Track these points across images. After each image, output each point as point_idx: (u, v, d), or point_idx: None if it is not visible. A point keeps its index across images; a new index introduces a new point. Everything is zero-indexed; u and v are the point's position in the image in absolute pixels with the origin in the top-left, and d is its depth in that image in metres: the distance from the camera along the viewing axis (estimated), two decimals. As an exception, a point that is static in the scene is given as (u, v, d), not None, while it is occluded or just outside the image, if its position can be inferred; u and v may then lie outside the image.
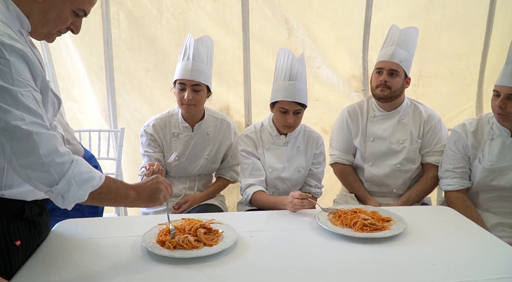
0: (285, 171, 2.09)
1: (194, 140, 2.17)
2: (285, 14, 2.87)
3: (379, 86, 2.15)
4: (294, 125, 2.02)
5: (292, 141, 2.10)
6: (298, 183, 2.14)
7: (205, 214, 1.72)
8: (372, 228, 1.53)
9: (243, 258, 1.36)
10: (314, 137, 2.14)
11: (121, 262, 1.32)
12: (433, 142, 2.22)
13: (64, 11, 1.22)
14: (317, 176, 2.16)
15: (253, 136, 2.12)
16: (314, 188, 2.15)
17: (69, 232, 1.52)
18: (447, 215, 1.79)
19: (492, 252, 1.43)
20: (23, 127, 1.07)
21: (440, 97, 3.23)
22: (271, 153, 2.10)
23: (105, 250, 1.40)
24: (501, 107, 1.87)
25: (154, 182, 1.38)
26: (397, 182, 2.24)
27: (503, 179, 1.95)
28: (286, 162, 2.09)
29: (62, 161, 1.13)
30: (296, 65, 1.97)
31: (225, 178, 2.31)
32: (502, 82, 1.88)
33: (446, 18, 3.05)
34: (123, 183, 1.34)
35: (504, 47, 3.14)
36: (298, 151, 2.11)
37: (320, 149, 2.15)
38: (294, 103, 1.95)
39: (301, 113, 2.01)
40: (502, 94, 1.87)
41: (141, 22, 2.79)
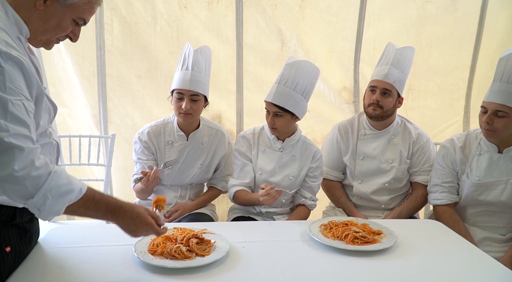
0: (275, 175, 2.10)
1: (188, 149, 2.17)
2: (278, 25, 2.90)
3: (372, 105, 2.17)
4: (276, 127, 2.03)
5: (289, 148, 2.12)
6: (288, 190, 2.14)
7: (196, 223, 1.72)
8: (363, 241, 1.55)
9: (235, 269, 1.36)
10: (312, 150, 2.14)
11: (112, 271, 1.31)
12: (421, 162, 2.25)
13: (64, 19, 1.22)
14: (313, 189, 2.16)
15: (250, 138, 2.16)
16: (309, 200, 2.15)
17: (59, 239, 1.50)
18: (435, 229, 1.82)
19: (480, 267, 1.45)
20: (5, 139, 1.05)
21: (428, 111, 3.29)
22: (265, 156, 2.12)
23: (96, 258, 1.38)
24: (488, 123, 1.90)
25: (139, 221, 1.27)
26: (385, 198, 2.27)
27: (490, 194, 1.99)
28: (278, 167, 2.10)
29: (38, 174, 1.10)
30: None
31: (217, 188, 2.31)
32: (490, 98, 1.91)
33: (436, 35, 3.11)
34: (107, 204, 1.24)
35: (491, 64, 3.23)
36: (292, 159, 2.12)
37: (317, 163, 2.14)
38: (272, 105, 1.99)
39: (284, 118, 2.01)
40: (489, 111, 1.90)
41: (135, 29, 2.78)
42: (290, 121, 2.04)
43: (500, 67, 1.91)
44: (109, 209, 1.23)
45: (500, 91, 1.87)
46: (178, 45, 2.82)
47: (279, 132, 2.07)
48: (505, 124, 1.87)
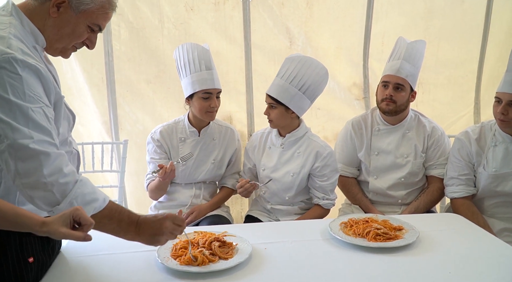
0: (277, 171, 2.12)
1: (200, 144, 2.20)
2: (286, 23, 2.89)
3: (385, 100, 2.16)
4: (271, 119, 2.07)
5: (290, 144, 2.13)
6: (289, 187, 2.12)
7: (216, 226, 1.71)
8: (385, 237, 1.54)
9: (259, 270, 1.35)
10: (315, 148, 2.10)
11: (137, 277, 1.31)
12: (436, 155, 2.23)
13: (78, 25, 1.22)
14: (324, 188, 2.12)
15: (258, 137, 2.25)
16: (322, 199, 2.13)
17: (81, 248, 1.49)
18: (455, 222, 1.81)
19: (503, 258, 1.44)
20: (30, 146, 1.06)
21: (439, 104, 3.27)
22: (269, 152, 2.18)
23: (120, 265, 1.38)
24: (503, 114, 1.90)
25: (159, 223, 1.28)
26: (401, 193, 2.25)
27: (508, 185, 1.97)
28: (280, 163, 2.13)
29: (65, 181, 1.11)
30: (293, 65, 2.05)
31: (228, 187, 2.32)
32: (504, 89, 1.90)
33: (444, 28, 3.10)
34: (129, 214, 1.27)
35: (499, 55, 3.21)
36: (295, 155, 2.12)
37: (325, 161, 2.09)
38: (268, 96, 2.05)
39: (277, 109, 2.03)
40: (503, 101, 1.89)
41: (142, 34, 2.78)
42: (284, 114, 2.04)
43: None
44: (132, 219, 1.26)
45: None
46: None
47: (274, 124, 2.10)
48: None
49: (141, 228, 1.26)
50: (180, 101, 2.87)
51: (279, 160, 2.13)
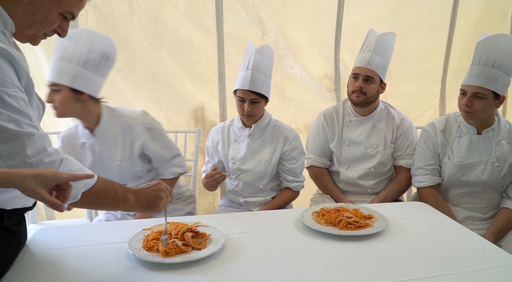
0: (247, 162, 2.14)
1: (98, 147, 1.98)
2: (258, 14, 2.88)
3: (355, 92, 2.20)
4: (252, 114, 2.05)
5: (258, 134, 2.14)
6: (262, 176, 2.16)
7: (189, 217, 1.70)
8: (356, 226, 1.57)
9: (233, 260, 1.35)
10: (283, 132, 2.16)
11: (107, 270, 1.28)
12: (404, 146, 2.29)
13: (51, 13, 1.17)
14: (294, 170, 2.18)
15: (219, 132, 2.22)
16: (292, 182, 2.18)
17: (47, 240, 1.45)
18: (422, 210, 1.86)
19: (468, 244, 1.50)
20: (11, 128, 1.04)
21: (406, 96, 3.35)
22: (236, 145, 2.17)
23: (89, 257, 1.35)
24: (468, 106, 1.95)
25: (155, 188, 1.35)
26: (371, 183, 2.31)
27: (472, 175, 2.05)
28: (249, 153, 2.14)
29: (51, 160, 1.10)
30: (253, 56, 2.03)
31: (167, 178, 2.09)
32: (468, 81, 1.96)
33: (412, 21, 3.17)
34: (122, 186, 1.30)
35: (465, 49, 3.32)
36: (263, 144, 2.15)
37: (293, 144, 2.16)
38: (249, 92, 2.01)
39: (260, 103, 2.05)
40: (468, 93, 1.95)
41: (111, 20, 2.70)
42: (263, 105, 2.10)
43: (478, 51, 1.96)
44: (128, 190, 1.29)
45: (479, 74, 1.92)
46: (157, 36, 2.76)
47: (255, 118, 2.10)
48: (484, 106, 1.93)
49: (138, 195, 1.30)
50: (152, 90, 2.82)
51: (249, 150, 2.14)
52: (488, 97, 1.92)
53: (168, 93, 2.86)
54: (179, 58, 2.84)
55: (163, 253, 1.33)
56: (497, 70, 1.91)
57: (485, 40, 1.95)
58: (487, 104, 1.93)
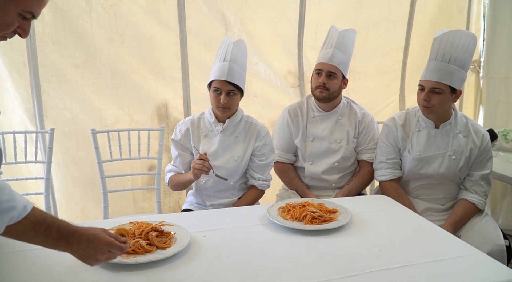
0: (219, 158, 2.07)
1: None
2: (221, 10, 2.85)
3: (318, 88, 2.22)
4: (228, 106, 2.00)
5: (231, 129, 2.09)
6: (234, 172, 2.10)
7: (154, 216, 1.67)
8: (321, 220, 1.59)
9: (198, 258, 1.34)
10: (255, 128, 2.13)
11: (69, 272, 1.24)
12: (366, 140, 2.34)
13: (8, 14, 1.05)
14: (262, 167, 2.14)
15: (187, 126, 2.11)
16: (258, 180, 2.14)
17: (6, 243, 1.37)
18: (384, 203, 1.91)
19: (427, 234, 1.56)
20: None
21: (368, 92, 3.42)
22: (207, 140, 2.10)
23: (50, 260, 1.29)
24: (426, 100, 2.00)
25: (96, 241, 1.13)
26: (335, 177, 2.34)
27: (430, 167, 2.11)
28: (221, 149, 2.08)
29: None
30: (231, 48, 1.99)
31: None
32: (426, 77, 2.01)
33: (372, 18, 3.23)
34: (59, 228, 1.10)
35: (422, 44, 3.42)
36: (236, 140, 2.10)
37: (264, 141, 2.13)
38: (226, 83, 1.96)
39: (236, 96, 2.01)
40: (426, 88, 2.00)
41: (68, 15, 2.60)
42: (239, 99, 2.05)
43: (435, 47, 2.02)
44: (62, 234, 1.10)
45: (436, 70, 1.98)
46: (117, 32, 2.69)
47: (231, 111, 2.05)
48: (441, 100, 1.99)
49: (75, 244, 1.12)
50: (113, 87, 2.75)
51: (221, 146, 2.08)
52: (445, 92, 1.98)
53: (129, 90, 2.79)
54: (140, 54, 2.78)
55: (126, 253, 1.30)
56: (453, 65, 1.97)
57: (441, 36, 2.01)
58: (445, 98, 1.99)
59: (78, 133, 2.73)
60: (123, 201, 2.81)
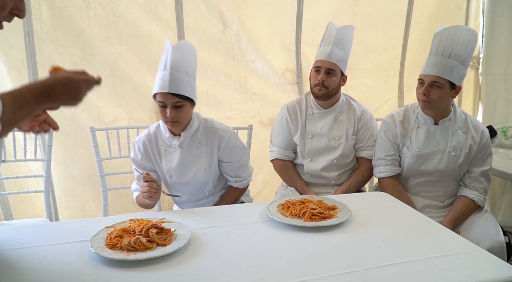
0: (185, 175, 1.94)
1: None
2: (219, 7, 2.85)
3: (317, 86, 2.22)
4: (177, 120, 1.78)
5: (189, 142, 1.90)
6: (205, 183, 1.99)
7: (154, 213, 1.67)
8: (320, 217, 1.59)
9: (199, 255, 1.34)
10: (217, 133, 1.92)
11: (69, 269, 1.24)
12: (365, 137, 2.34)
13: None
14: (236, 170, 2.03)
15: (145, 143, 1.94)
16: (235, 182, 2.06)
17: (5, 241, 1.39)
18: (384, 200, 1.92)
19: (426, 231, 1.56)
20: None
21: (366, 89, 3.43)
22: (167, 156, 1.93)
23: (49, 257, 1.30)
24: (425, 95, 2.01)
25: (69, 79, 1.09)
26: (334, 174, 2.34)
27: (429, 164, 2.12)
28: (185, 165, 1.92)
29: None
30: (171, 53, 1.76)
31: None
32: (426, 71, 2.02)
33: (370, 15, 3.24)
34: (30, 90, 1.05)
35: (420, 41, 3.43)
36: (198, 150, 1.92)
37: (229, 144, 1.95)
38: (170, 96, 1.73)
39: (185, 108, 1.78)
40: (426, 82, 2.01)
41: (66, 13, 2.60)
42: (189, 108, 1.83)
43: (435, 42, 2.02)
44: (39, 92, 1.06)
45: (436, 64, 1.99)
46: (115, 30, 2.68)
47: (181, 125, 1.84)
48: (440, 95, 2.00)
49: (54, 95, 1.08)
50: (111, 86, 2.74)
51: (183, 162, 1.91)
52: (445, 87, 1.99)
53: (128, 88, 2.79)
54: (139, 52, 2.77)
55: (127, 250, 1.30)
56: (453, 60, 1.97)
57: (442, 31, 2.01)
58: (444, 93, 2.00)
59: (77, 131, 2.73)
60: (122, 199, 2.81)
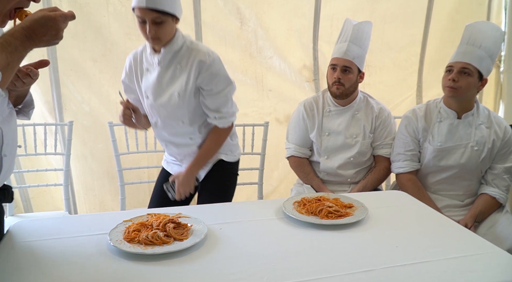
0: (160, 96, 1.86)
1: None
2: (237, 4, 2.85)
3: (335, 84, 2.21)
4: (158, 37, 1.71)
5: (169, 60, 1.81)
6: (179, 107, 1.87)
7: (170, 208, 1.69)
8: (337, 215, 1.59)
9: (215, 250, 1.35)
10: (198, 56, 1.80)
11: (89, 261, 1.26)
12: (383, 135, 2.32)
13: None
14: (215, 102, 1.87)
15: (131, 61, 1.94)
16: (215, 119, 1.91)
17: (27, 233, 1.42)
18: (401, 199, 1.90)
19: (446, 232, 1.53)
20: None
21: (384, 87, 3.40)
22: (147, 76, 1.88)
23: (70, 249, 1.33)
24: (454, 80, 2.00)
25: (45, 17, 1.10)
26: (350, 172, 2.33)
27: (451, 158, 2.10)
28: (161, 85, 1.85)
29: None
30: None
31: None
32: (456, 58, 2.03)
33: (389, 11, 3.20)
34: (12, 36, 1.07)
35: (440, 39, 3.37)
36: (176, 72, 1.83)
37: (210, 71, 1.81)
38: (148, 11, 1.65)
39: (166, 24, 1.70)
40: (455, 69, 2.01)
41: (86, 9, 2.64)
42: (172, 24, 1.74)
43: (467, 32, 2.05)
44: (22, 37, 1.07)
45: (467, 52, 2.01)
46: (134, 26, 2.68)
47: (162, 42, 1.76)
48: (469, 83, 2.00)
49: (36, 36, 1.10)
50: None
51: (160, 82, 1.83)
52: (474, 75, 2.00)
53: (146, 84, 2.82)
54: (157, 48, 2.80)
55: (145, 244, 1.32)
56: (483, 51, 1.99)
57: (474, 24, 2.05)
58: (472, 82, 2.00)
59: (96, 126, 2.78)
60: (139, 193, 2.85)
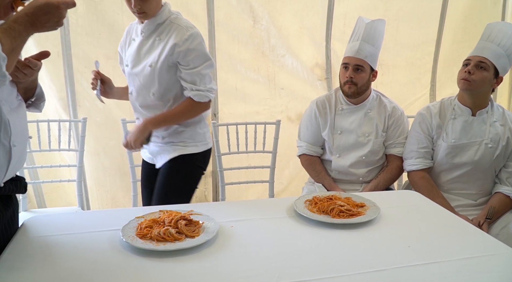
0: (137, 67, 1.88)
1: None
2: (250, 2, 2.85)
3: (347, 83, 2.20)
4: (144, 10, 1.75)
5: (152, 31, 1.84)
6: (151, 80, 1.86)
7: (182, 205, 1.70)
8: (348, 214, 1.58)
9: (226, 248, 1.36)
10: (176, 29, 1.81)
11: (101, 257, 1.28)
12: (396, 134, 2.31)
13: None
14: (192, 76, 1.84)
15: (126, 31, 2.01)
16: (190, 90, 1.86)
17: (40, 228, 1.44)
18: (413, 199, 1.88)
19: (459, 232, 1.52)
20: None
21: (397, 86, 3.37)
22: (132, 45, 1.93)
23: (83, 245, 1.34)
24: (470, 73, 2.01)
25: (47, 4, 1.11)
26: (362, 171, 2.32)
27: (465, 155, 2.09)
28: (139, 55, 1.88)
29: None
30: None
31: None
32: (474, 53, 2.05)
33: (403, 10, 3.17)
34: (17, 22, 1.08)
35: (454, 38, 3.33)
36: (154, 44, 1.85)
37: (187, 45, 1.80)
38: None
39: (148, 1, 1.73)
40: (473, 62, 2.02)
41: (100, 7, 2.66)
42: None
43: (488, 30, 2.07)
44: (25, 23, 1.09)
45: (485, 48, 2.03)
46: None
47: (148, 15, 1.79)
48: (484, 77, 2.01)
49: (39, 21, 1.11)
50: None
51: (139, 51, 1.86)
52: (489, 70, 2.00)
53: (158, 81, 2.83)
54: (170, 46, 2.81)
55: (156, 240, 1.33)
56: (502, 49, 2.00)
57: (495, 23, 2.08)
58: (487, 77, 2.01)
59: (108, 123, 2.80)
60: (150, 190, 2.86)
